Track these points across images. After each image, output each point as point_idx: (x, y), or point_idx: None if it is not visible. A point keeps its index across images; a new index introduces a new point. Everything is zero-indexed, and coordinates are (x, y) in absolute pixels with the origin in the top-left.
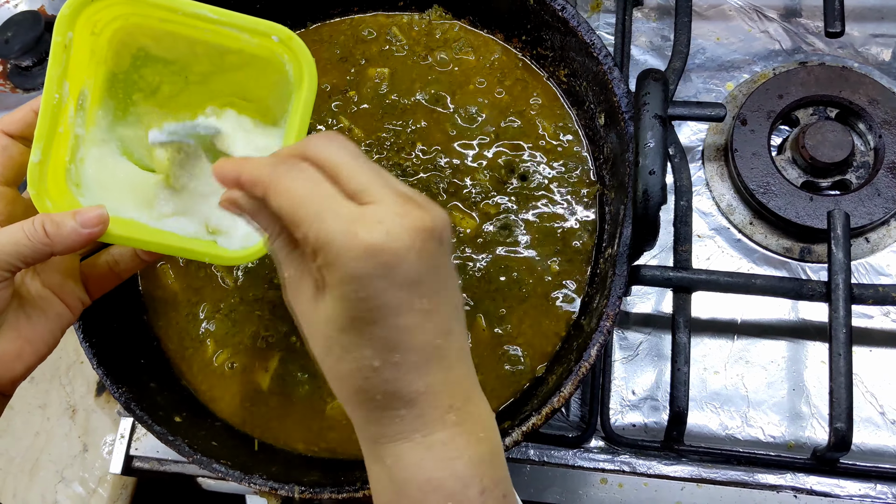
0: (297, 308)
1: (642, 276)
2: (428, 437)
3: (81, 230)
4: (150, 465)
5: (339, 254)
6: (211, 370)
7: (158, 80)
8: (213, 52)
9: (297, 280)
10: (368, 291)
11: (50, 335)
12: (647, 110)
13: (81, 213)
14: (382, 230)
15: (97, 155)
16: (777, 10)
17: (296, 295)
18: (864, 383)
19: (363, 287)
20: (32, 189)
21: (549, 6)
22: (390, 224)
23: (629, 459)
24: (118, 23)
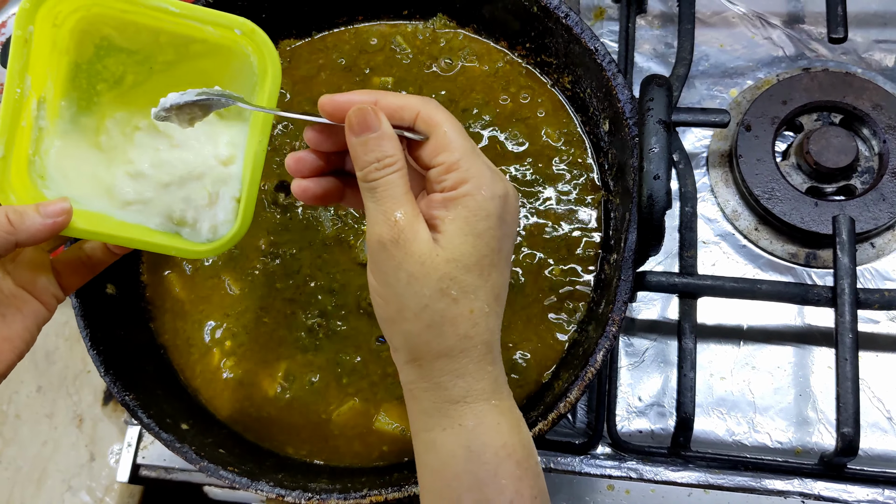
0: (413, 249)
1: (648, 281)
2: (501, 402)
3: (45, 220)
4: (157, 473)
5: (487, 188)
6: (217, 378)
7: (122, 70)
8: (177, 41)
9: (415, 218)
10: (497, 232)
11: (27, 333)
12: (651, 115)
13: (45, 204)
14: (510, 188)
15: (61, 146)
16: (780, 16)
17: (413, 236)
18: (870, 388)
19: (498, 226)
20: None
21: (553, 13)
22: (509, 187)
23: (636, 466)
24: (80, 13)
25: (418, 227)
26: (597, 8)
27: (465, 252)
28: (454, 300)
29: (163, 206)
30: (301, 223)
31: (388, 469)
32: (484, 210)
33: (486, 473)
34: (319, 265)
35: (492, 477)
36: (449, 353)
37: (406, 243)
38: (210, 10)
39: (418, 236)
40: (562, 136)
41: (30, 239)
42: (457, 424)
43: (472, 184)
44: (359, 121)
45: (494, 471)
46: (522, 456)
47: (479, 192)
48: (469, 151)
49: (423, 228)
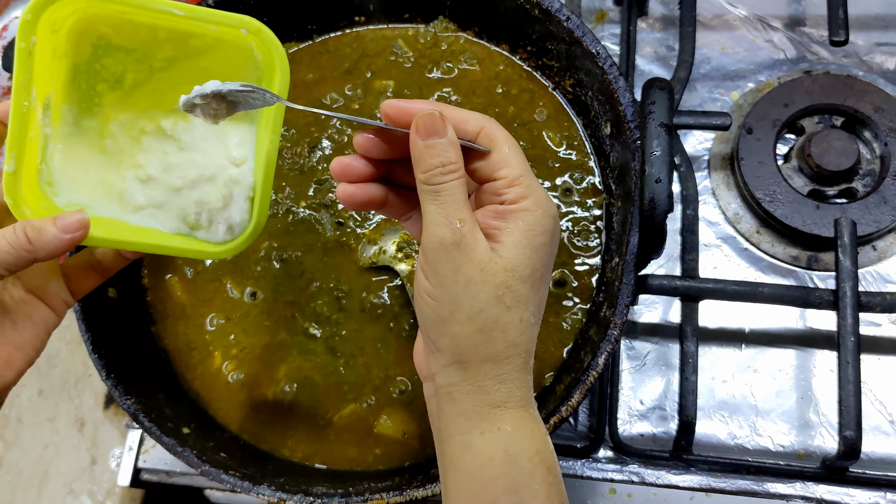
0: (475, 255)
1: (649, 284)
2: (534, 411)
3: (63, 236)
4: (159, 477)
5: (544, 206)
6: (219, 381)
7: (122, 69)
8: (176, 36)
9: (474, 226)
10: (549, 249)
11: (37, 339)
12: (652, 119)
13: (62, 218)
14: (555, 208)
15: (64, 150)
16: (781, 19)
17: (475, 242)
18: (872, 391)
19: (549, 243)
20: (9, 199)
21: (554, 17)
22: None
23: (638, 469)
24: (76, 15)
25: (478, 234)
26: (598, 11)
27: (522, 263)
28: (507, 308)
29: (176, 210)
30: (302, 227)
31: (389, 473)
32: (541, 226)
33: (522, 477)
34: (321, 268)
35: (527, 481)
36: (496, 359)
37: (468, 248)
38: (214, 11)
39: (479, 243)
40: (563, 139)
41: (48, 255)
42: (496, 428)
43: (531, 200)
44: (427, 125)
45: (530, 475)
46: (552, 463)
47: (537, 208)
48: (528, 171)
49: (482, 236)
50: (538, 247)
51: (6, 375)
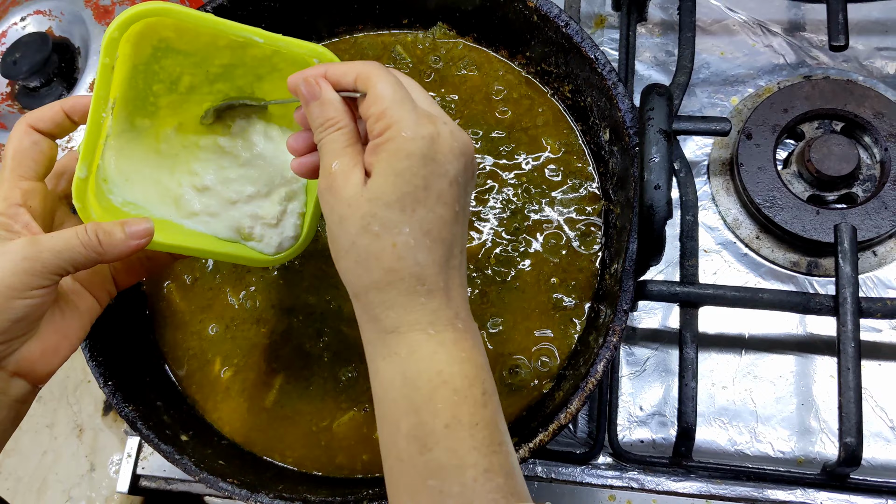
0: (343, 193)
1: (649, 291)
2: (439, 333)
3: (130, 242)
4: (157, 484)
5: (407, 131)
6: (216, 389)
7: (179, 71)
8: (235, 45)
9: (350, 168)
10: (423, 171)
11: (81, 328)
12: (651, 125)
13: (130, 224)
14: (447, 129)
15: (118, 147)
16: (781, 24)
17: (344, 182)
18: (873, 398)
19: (421, 165)
20: (78, 202)
21: (552, 22)
22: (453, 129)
23: (637, 476)
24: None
25: (351, 174)
26: (597, 16)
27: (385, 190)
28: (376, 235)
29: (230, 221)
30: None
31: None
32: (404, 150)
33: (420, 398)
34: (320, 276)
35: (426, 401)
36: (377, 286)
37: (337, 189)
38: (291, 40)
39: (349, 182)
40: (562, 145)
41: (113, 258)
42: (393, 353)
43: (394, 128)
44: (306, 91)
45: (429, 396)
46: (462, 385)
47: (399, 134)
48: (398, 101)
49: (357, 175)
50: (402, 171)
51: (52, 362)
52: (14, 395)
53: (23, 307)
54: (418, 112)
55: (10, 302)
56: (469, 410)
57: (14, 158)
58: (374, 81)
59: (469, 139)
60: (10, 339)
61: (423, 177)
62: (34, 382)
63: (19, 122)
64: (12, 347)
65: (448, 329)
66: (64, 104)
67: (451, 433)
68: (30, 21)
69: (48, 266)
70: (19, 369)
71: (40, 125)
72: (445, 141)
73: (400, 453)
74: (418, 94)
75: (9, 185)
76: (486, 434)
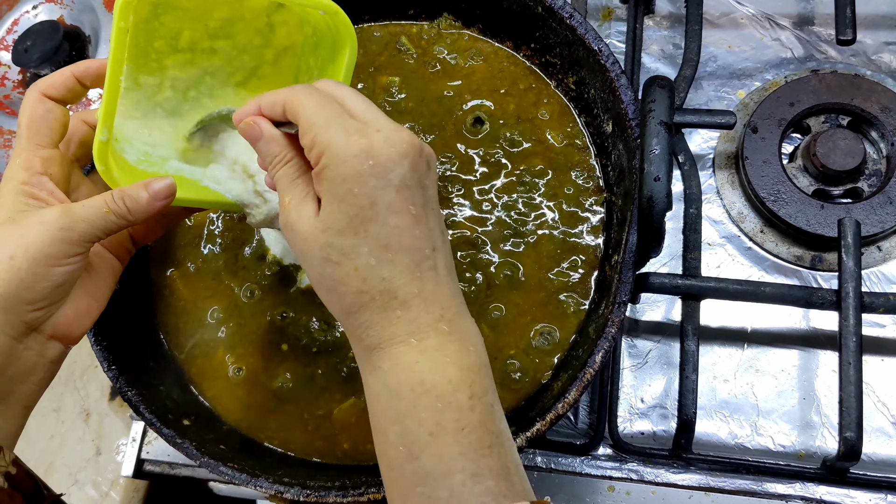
0: (298, 228)
1: (651, 283)
2: (422, 341)
3: (155, 203)
4: (161, 468)
5: (339, 154)
6: (219, 375)
7: (179, 27)
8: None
9: (300, 202)
10: (364, 189)
11: (107, 287)
12: (652, 117)
13: (152, 185)
14: (381, 137)
15: (125, 104)
16: (789, 17)
17: (297, 217)
18: (875, 393)
19: (360, 184)
20: (101, 165)
21: (557, 14)
22: (388, 134)
23: (637, 467)
24: None
25: (303, 208)
26: (605, 8)
27: (334, 219)
28: (337, 263)
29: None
30: None
31: None
32: (339, 175)
33: (404, 408)
34: None
35: (410, 410)
36: (352, 310)
37: (293, 224)
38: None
39: (302, 216)
40: (566, 136)
41: (140, 220)
42: (376, 367)
43: (326, 155)
44: (248, 135)
45: (413, 405)
46: (445, 391)
47: (333, 160)
48: (325, 123)
49: (309, 208)
50: (344, 195)
51: (85, 323)
52: (50, 356)
53: (62, 274)
54: (348, 128)
55: (50, 270)
56: (454, 416)
57: (30, 127)
58: (300, 109)
59: (409, 136)
60: (50, 304)
61: (366, 194)
62: (67, 343)
63: (31, 90)
64: (51, 312)
65: (430, 335)
66: (75, 69)
67: (435, 440)
68: (41, 9)
69: (84, 235)
70: (55, 332)
71: (52, 92)
72: (380, 150)
73: (391, 461)
74: (352, 103)
75: (28, 154)
76: (474, 438)
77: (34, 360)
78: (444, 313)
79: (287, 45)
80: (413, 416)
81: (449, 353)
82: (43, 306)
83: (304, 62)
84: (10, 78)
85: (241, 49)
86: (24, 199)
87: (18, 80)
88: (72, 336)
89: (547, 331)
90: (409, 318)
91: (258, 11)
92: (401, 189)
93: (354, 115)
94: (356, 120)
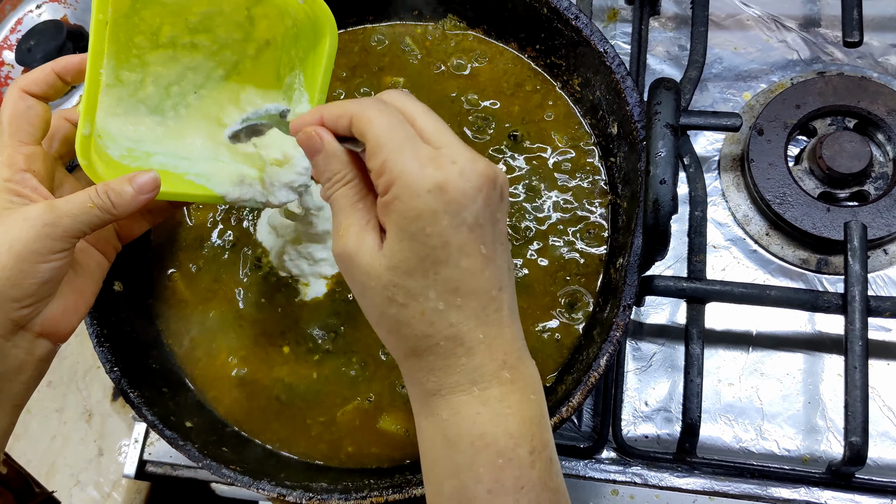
0: (359, 261)
1: (656, 286)
2: (485, 391)
3: (140, 196)
4: (164, 469)
5: (412, 187)
6: (222, 377)
7: (158, 22)
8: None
9: (361, 229)
10: (436, 228)
11: (94, 284)
12: (658, 119)
13: (136, 179)
14: (455, 170)
15: (107, 101)
16: (795, 19)
17: (358, 247)
18: (881, 397)
19: (433, 223)
20: (84, 160)
21: (562, 15)
22: (463, 165)
23: (641, 471)
24: None
25: (365, 237)
26: (610, 10)
27: (403, 258)
28: (403, 305)
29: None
30: None
31: (389, 471)
32: (413, 211)
33: (463, 461)
34: None
35: (468, 465)
36: (414, 353)
37: (353, 256)
38: None
39: (363, 247)
40: (570, 138)
41: (125, 214)
42: (434, 414)
43: (398, 185)
44: (307, 146)
45: (472, 460)
46: (506, 446)
47: (404, 192)
48: (396, 148)
49: (371, 238)
50: (416, 234)
51: (73, 320)
52: (39, 354)
53: (48, 270)
54: (421, 156)
55: (36, 266)
56: (514, 474)
57: (11, 124)
58: (368, 127)
59: (484, 167)
60: (37, 301)
61: (439, 234)
62: (56, 341)
63: (12, 87)
64: (38, 309)
65: (493, 384)
66: (55, 65)
67: (494, 498)
68: (45, 9)
69: (69, 230)
70: (44, 330)
71: (33, 88)
72: (455, 186)
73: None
74: (423, 123)
75: (10, 151)
76: (533, 497)
77: (22, 359)
78: (507, 359)
79: (268, 38)
80: (471, 471)
81: (511, 403)
82: (30, 303)
83: (285, 54)
84: (14, 77)
85: (221, 44)
86: (8, 196)
87: None
88: (60, 333)
89: (551, 334)
90: (473, 366)
91: (237, 5)
92: (473, 228)
93: (427, 137)
94: (430, 145)
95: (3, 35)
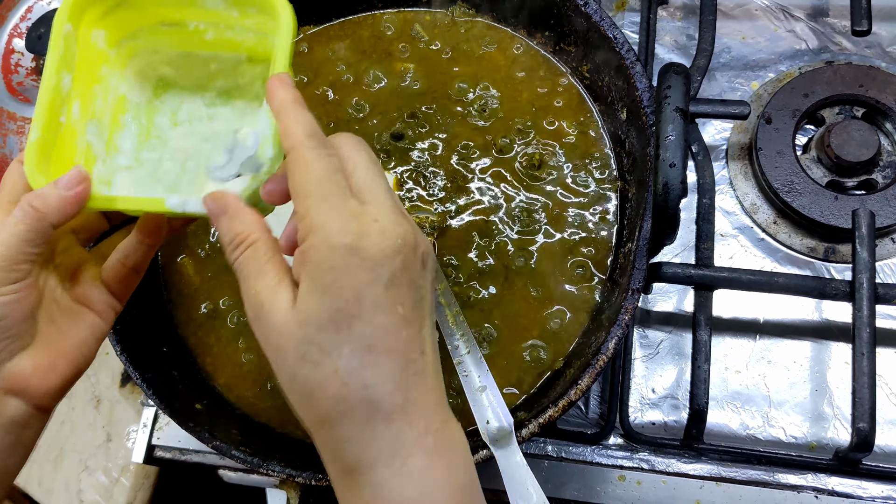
0: (271, 320)
1: (664, 273)
2: (406, 462)
3: (66, 193)
4: (172, 454)
5: (329, 239)
6: (230, 360)
7: (179, 102)
8: (226, 66)
9: (272, 290)
10: (350, 280)
11: (84, 346)
12: (668, 103)
13: (61, 178)
14: (377, 228)
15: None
16: (804, 9)
17: (270, 307)
18: (888, 384)
19: (346, 275)
20: (28, 166)
21: (572, 1)
22: (385, 225)
23: (648, 457)
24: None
25: (278, 295)
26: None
27: (315, 310)
28: (316, 364)
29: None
30: None
31: None
32: (328, 262)
33: None
34: None
35: None
36: (328, 420)
37: (265, 317)
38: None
39: (276, 306)
40: (580, 125)
41: (62, 217)
42: (357, 497)
43: (316, 235)
44: (212, 209)
45: None
46: None
47: (322, 243)
48: (323, 196)
49: (283, 296)
50: (329, 286)
51: (51, 379)
52: (9, 415)
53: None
54: (347, 209)
55: None
56: None
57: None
58: (298, 168)
59: (405, 230)
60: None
61: (352, 287)
62: (32, 402)
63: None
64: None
65: (416, 454)
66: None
67: None
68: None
69: (7, 258)
70: (11, 386)
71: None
72: (373, 243)
73: None
74: (359, 177)
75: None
76: None
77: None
78: (430, 425)
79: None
80: None
81: (437, 476)
82: None
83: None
84: (24, 65)
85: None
86: None
87: (32, 68)
88: (32, 392)
89: (560, 318)
90: (392, 435)
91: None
92: (389, 287)
93: (357, 191)
94: (358, 198)
95: (13, 23)
